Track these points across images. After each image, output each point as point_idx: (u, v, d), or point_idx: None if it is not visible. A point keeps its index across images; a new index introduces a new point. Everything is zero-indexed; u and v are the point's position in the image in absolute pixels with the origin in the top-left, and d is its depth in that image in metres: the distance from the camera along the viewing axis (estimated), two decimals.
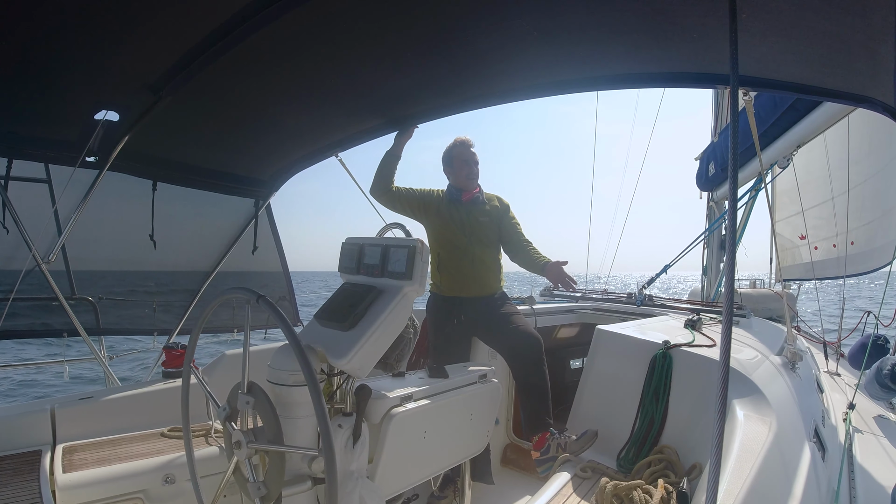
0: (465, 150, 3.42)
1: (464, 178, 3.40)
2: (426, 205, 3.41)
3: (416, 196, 3.42)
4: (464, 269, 3.33)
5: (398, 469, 2.18)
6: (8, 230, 3.35)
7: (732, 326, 1.25)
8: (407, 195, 3.41)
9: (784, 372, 3.04)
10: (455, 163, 3.42)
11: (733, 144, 1.34)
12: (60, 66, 2.32)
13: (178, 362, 3.37)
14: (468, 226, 3.35)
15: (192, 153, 3.67)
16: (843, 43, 1.89)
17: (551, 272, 3.25)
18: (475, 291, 3.35)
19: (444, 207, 3.39)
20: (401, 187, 3.43)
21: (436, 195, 3.45)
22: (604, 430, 2.78)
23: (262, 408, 1.66)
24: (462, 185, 3.42)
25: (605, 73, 2.59)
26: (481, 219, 3.38)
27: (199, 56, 2.24)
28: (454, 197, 3.41)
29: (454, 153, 3.43)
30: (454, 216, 3.36)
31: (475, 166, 3.42)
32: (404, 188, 3.44)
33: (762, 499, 1.83)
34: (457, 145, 3.44)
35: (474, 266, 3.33)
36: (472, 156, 3.42)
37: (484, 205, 3.44)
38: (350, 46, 2.31)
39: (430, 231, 3.44)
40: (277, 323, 1.53)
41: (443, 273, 3.38)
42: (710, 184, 7.07)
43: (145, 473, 2.45)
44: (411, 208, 3.42)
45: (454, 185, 3.44)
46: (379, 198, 3.42)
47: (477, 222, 3.36)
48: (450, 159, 3.44)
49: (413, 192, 3.44)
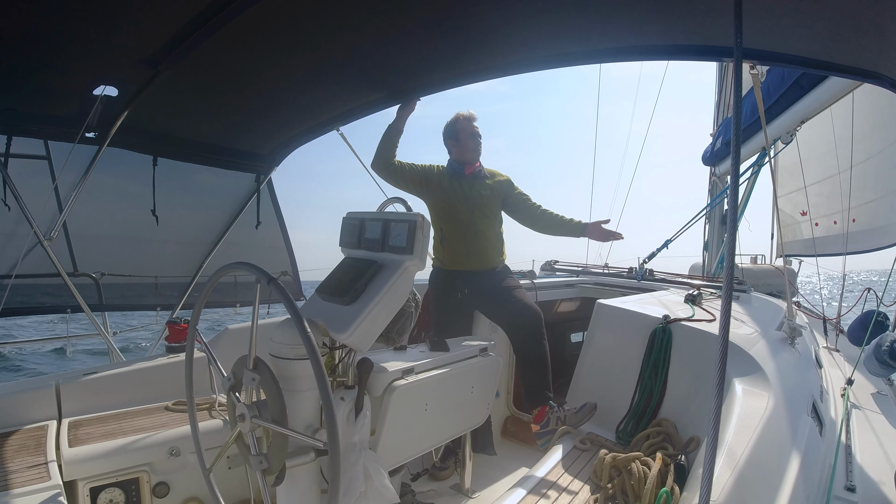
0: (470, 124, 3.40)
1: (470, 151, 3.39)
2: (427, 180, 3.40)
3: (418, 171, 3.41)
4: (467, 243, 3.34)
5: (400, 441, 2.21)
6: (10, 207, 3.35)
7: (732, 302, 1.25)
8: (409, 170, 3.39)
9: (783, 347, 3.05)
10: (461, 136, 3.39)
11: (736, 119, 1.33)
12: (58, 41, 2.29)
13: (181, 337, 3.39)
14: (471, 199, 3.34)
15: (192, 128, 3.65)
16: (851, 17, 1.86)
17: (594, 232, 3.32)
18: (478, 265, 3.36)
19: (446, 182, 3.38)
20: (403, 162, 3.40)
21: (437, 170, 3.44)
22: (603, 403, 2.81)
23: (267, 385, 1.67)
24: (467, 158, 3.40)
25: (609, 46, 2.56)
26: (483, 192, 3.37)
27: (198, 30, 2.21)
28: (456, 171, 3.40)
29: (459, 127, 3.40)
30: (456, 190, 3.36)
31: (478, 139, 3.41)
32: (406, 163, 3.41)
33: (759, 472, 1.85)
34: (461, 119, 3.41)
35: (477, 239, 3.34)
36: (477, 129, 3.42)
37: (485, 178, 3.43)
38: (351, 19, 2.28)
39: (432, 206, 3.43)
40: (282, 300, 1.54)
41: (445, 247, 3.39)
42: (714, 158, 7.03)
43: (150, 447, 2.48)
44: (413, 183, 3.40)
45: (456, 160, 3.42)
46: (380, 172, 3.39)
47: (479, 196, 3.36)
48: (454, 132, 3.41)
49: (415, 167, 3.42)
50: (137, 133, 3.45)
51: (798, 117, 4.78)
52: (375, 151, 3.38)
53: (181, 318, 3.64)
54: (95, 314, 4.00)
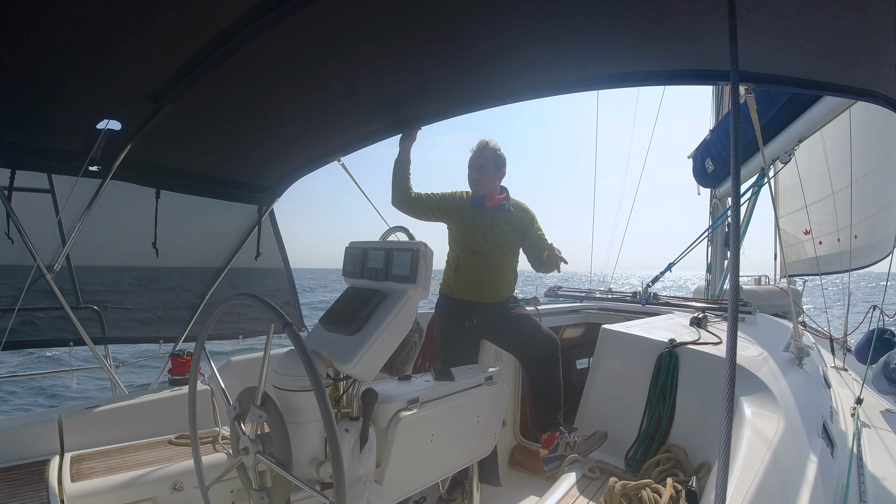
0: (475, 153, 3.38)
1: (470, 183, 3.40)
2: (448, 207, 3.36)
3: (437, 200, 3.37)
4: (482, 275, 3.31)
5: (406, 472, 2.18)
6: (13, 241, 3.36)
7: (738, 324, 1.24)
8: (428, 200, 3.36)
9: (791, 368, 3.03)
10: (468, 168, 3.41)
11: (734, 141, 1.34)
12: (62, 75, 2.33)
13: (184, 369, 3.38)
14: (491, 233, 3.31)
15: (195, 161, 3.68)
16: (843, 37, 1.89)
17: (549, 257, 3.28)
18: (489, 297, 3.34)
19: (468, 211, 3.34)
20: (421, 193, 3.38)
21: (458, 197, 3.40)
22: (611, 429, 2.78)
23: (273, 424, 1.65)
24: (472, 191, 3.40)
25: (606, 73, 2.59)
26: (504, 227, 3.33)
27: (200, 64, 2.24)
28: (478, 202, 3.36)
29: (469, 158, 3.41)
30: (477, 221, 3.32)
31: (477, 171, 3.36)
32: (425, 194, 3.39)
33: (772, 496, 1.82)
34: (473, 149, 3.41)
35: (493, 273, 3.32)
36: (476, 161, 3.37)
37: (508, 212, 3.37)
38: (350, 51, 2.32)
39: (452, 233, 3.41)
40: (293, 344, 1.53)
41: (459, 274, 3.36)
42: (712, 180, 7.06)
43: (154, 481, 2.45)
44: (433, 212, 3.37)
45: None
46: (400, 207, 3.35)
47: (500, 230, 3.32)
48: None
49: (433, 196, 3.39)
50: (140, 166, 3.48)
51: (796, 136, 4.82)
52: (391, 189, 3.35)
53: (184, 350, 3.62)
54: (98, 347, 3.98)
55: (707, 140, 7.05)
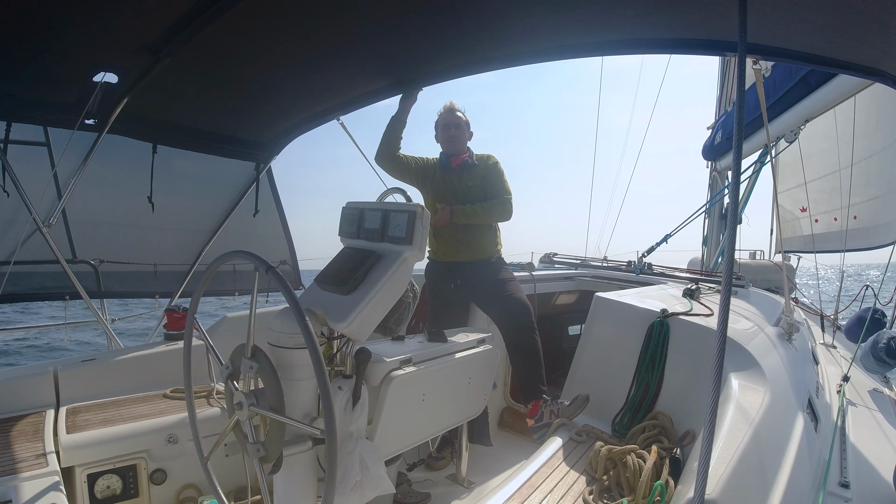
0: (448, 115, 3.42)
1: (445, 141, 3.43)
2: (423, 173, 3.43)
3: (420, 164, 3.44)
4: (458, 234, 3.34)
5: (397, 430, 2.22)
6: (8, 194, 3.34)
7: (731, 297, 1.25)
8: (410, 162, 3.42)
9: (780, 343, 3.06)
10: (439, 128, 3.45)
11: (738, 115, 1.33)
12: (58, 27, 2.28)
13: (179, 324, 3.40)
14: (459, 191, 3.35)
15: (192, 115, 3.64)
16: (855, 13, 1.85)
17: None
18: (470, 256, 3.36)
19: (438, 174, 3.41)
20: (406, 155, 3.43)
21: (430, 163, 3.47)
22: (600, 395, 2.82)
23: (265, 374, 1.67)
24: (446, 149, 3.44)
25: (612, 38, 2.55)
26: (470, 183, 3.37)
27: (199, 16, 2.19)
28: (444, 163, 3.43)
29: (438, 119, 3.46)
30: (446, 182, 3.38)
31: (455, 130, 3.40)
32: (409, 156, 3.44)
33: (754, 466, 1.86)
34: (441, 112, 3.47)
35: (467, 230, 3.34)
36: (454, 119, 3.41)
37: (473, 168, 3.42)
38: (353, 7, 2.27)
39: (426, 198, 3.45)
40: (281, 290, 1.54)
41: (438, 239, 3.40)
42: (715, 153, 7.02)
43: (148, 433, 2.49)
44: (413, 176, 3.43)
45: (443, 152, 3.46)
46: (384, 165, 3.40)
47: (467, 188, 3.36)
48: (436, 126, 3.47)
49: (417, 160, 3.45)
50: (137, 120, 3.44)
51: (803, 115, 4.76)
52: (379, 144, 3.38)
53: (180, 305, 3.64)
54: (94, 301, 4.00)
55: (728, 112, 6.98)
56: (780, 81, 4.80)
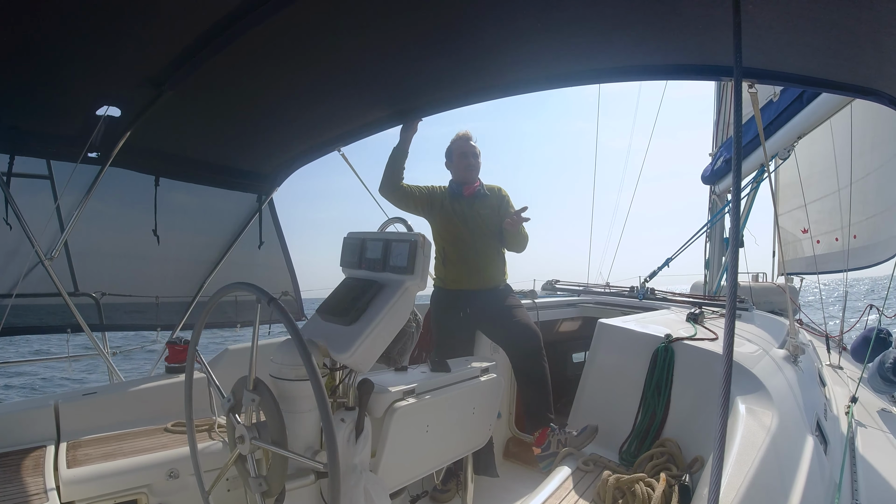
0: (464, 143, 3.43)
1: (463, 170, 3.42)
2: (431, 201, 3.43)
3: (424, 193, 3.44)
4: (468, 262, 3.34)
5: (401, 463, 2.18)
6: (11, 226, 3.35)
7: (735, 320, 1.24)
8: (415, 192, 3.42)
9: (786, 365, 3.03)
10: (454, 156, 3.45)
11: (736, 137, 1.34)
12: (61, 60, 2.31)
13: (181, 357, 3.37)
14: (471, 219, 3.36)
15: (195, 148, 3.67)
16: (849, 34, 1.88)
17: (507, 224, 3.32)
18: (479, 284, 3.36)
19: (448, 202, 3.40)
20: (410, 185, 3.43)
21: (439, 191, 3.47)
22: (606, 423, 2.78)
23: (267, 406, 1.66)
24: (461, 178, 3.44)
25: (609, 66, 2.59)
26: (483, 212, 3.39)
27: (201, 50, 2.23)
28: (456, 191, 3.43)
29: (453, 147, 3.46)
30: (457, 210, 3.38)
31: (473, 159, 3.43)
32: (413, 186, 3.45)
33: (764, 492, 1.83)
34: (456, 139, 3.47)
35: (478, 258, 3.34)
36: (471, 148, 3.44)
37: (485, 198, 3.44)
38: (353, 40, 2.30)
39: (435, 226, 3.45)
40: (283, 321, 1.53)
41: (448, 266, 3.39)
42: (714, 177, 7.05)
43: (149, 468, 2.46)
44: (418, 205, 3.43)
45: (455, 180, 3.46)
46: (388, 196, 3.40)
47: (479, 216, 3.37)
48: (450, 153, 3.47)
49: (421, 189, 3.46)
50: (140, 153, 3.46)
51: (795, 133, 4.80)
52: (382, 176, 3.40)
53: (181, 338, 3.62)
54: (95, 334, 3.99)
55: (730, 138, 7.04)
56: (781, 101, 4.85)
